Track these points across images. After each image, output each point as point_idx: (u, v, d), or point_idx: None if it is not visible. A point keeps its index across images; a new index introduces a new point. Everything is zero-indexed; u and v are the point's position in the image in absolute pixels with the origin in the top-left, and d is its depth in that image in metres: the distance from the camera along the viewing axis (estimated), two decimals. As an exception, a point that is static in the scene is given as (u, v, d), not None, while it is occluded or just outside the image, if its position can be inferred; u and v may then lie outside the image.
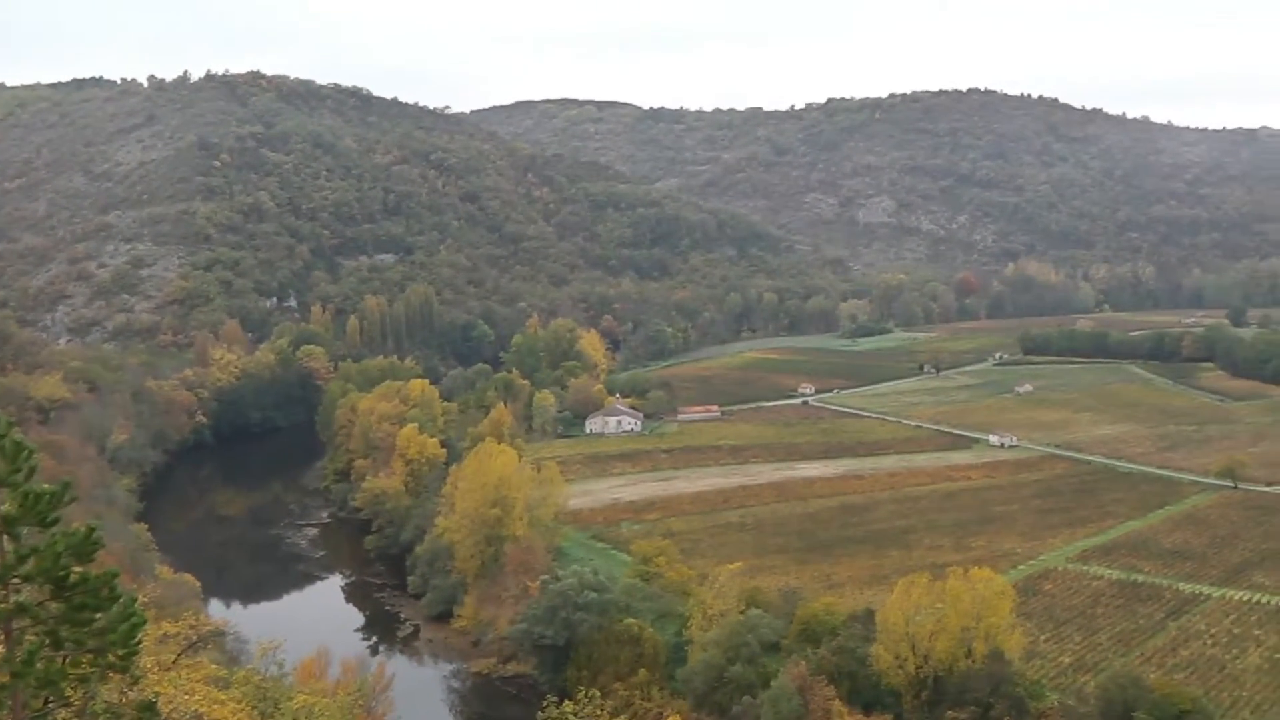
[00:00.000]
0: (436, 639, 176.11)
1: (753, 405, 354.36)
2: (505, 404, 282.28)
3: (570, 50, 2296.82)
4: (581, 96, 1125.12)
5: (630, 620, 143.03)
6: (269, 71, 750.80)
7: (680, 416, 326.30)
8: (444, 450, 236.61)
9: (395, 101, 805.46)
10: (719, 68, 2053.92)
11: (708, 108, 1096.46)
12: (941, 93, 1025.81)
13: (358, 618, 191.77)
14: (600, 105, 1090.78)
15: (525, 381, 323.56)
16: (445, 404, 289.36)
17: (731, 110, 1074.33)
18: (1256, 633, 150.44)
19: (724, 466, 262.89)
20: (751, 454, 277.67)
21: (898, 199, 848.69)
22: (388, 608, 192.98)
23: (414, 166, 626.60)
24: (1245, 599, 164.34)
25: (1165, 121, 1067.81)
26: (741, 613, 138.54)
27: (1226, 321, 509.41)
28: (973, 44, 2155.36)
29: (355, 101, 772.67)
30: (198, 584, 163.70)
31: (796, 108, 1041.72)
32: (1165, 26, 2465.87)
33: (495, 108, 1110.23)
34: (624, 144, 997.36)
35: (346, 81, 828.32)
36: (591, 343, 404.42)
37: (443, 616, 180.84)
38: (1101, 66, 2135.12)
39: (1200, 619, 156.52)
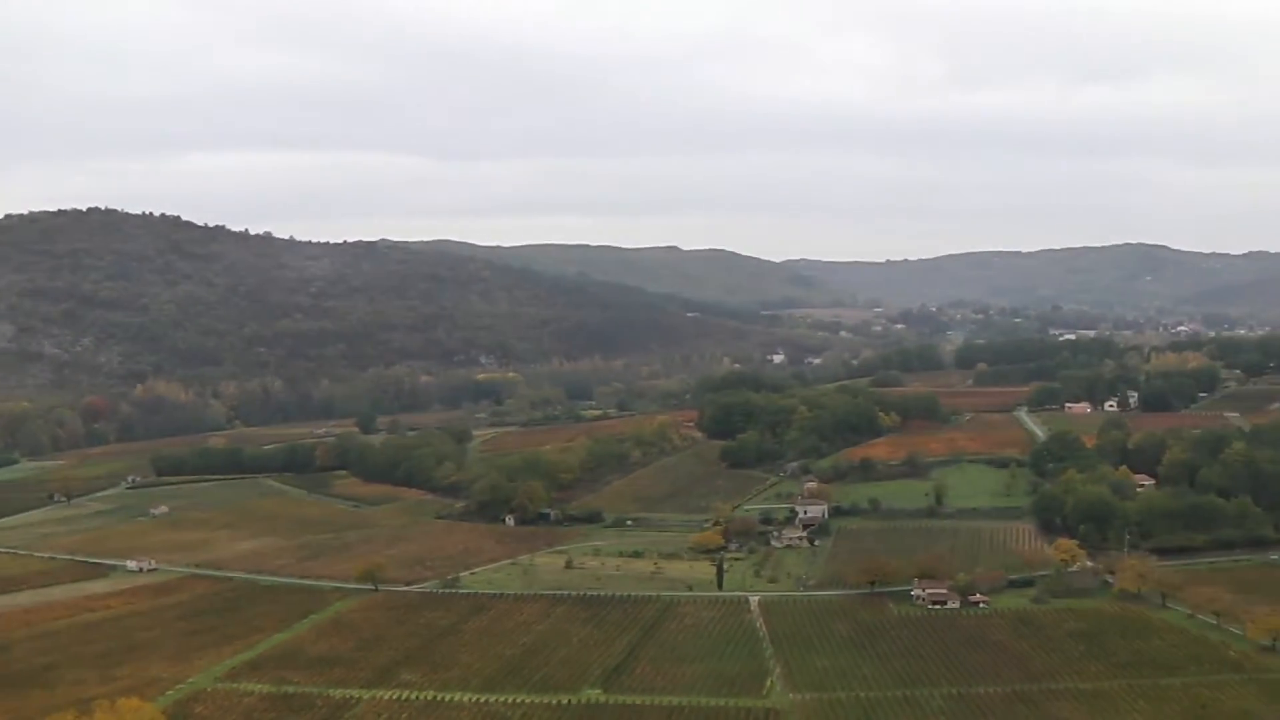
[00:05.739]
0: None
1: None
2: None
3: None
4: None
5: None
6: None
7: None
8: None
9: None
10: None
11: None
12: (61, 213, 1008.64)
13: None
14: None
15: None
16: None
17: None
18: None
19: None
20: None
21: (17, 324, 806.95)
22: None
23: None
24: (395, 697, 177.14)
25: (288, 237, 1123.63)
26: None
27: (357, 429, 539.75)
28: (93, 164, 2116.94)
29: None
30: None
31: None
32: (282, 148, 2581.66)
33: None
34: None
35: None
36: None
37: None
38: (223, 185, 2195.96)
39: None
